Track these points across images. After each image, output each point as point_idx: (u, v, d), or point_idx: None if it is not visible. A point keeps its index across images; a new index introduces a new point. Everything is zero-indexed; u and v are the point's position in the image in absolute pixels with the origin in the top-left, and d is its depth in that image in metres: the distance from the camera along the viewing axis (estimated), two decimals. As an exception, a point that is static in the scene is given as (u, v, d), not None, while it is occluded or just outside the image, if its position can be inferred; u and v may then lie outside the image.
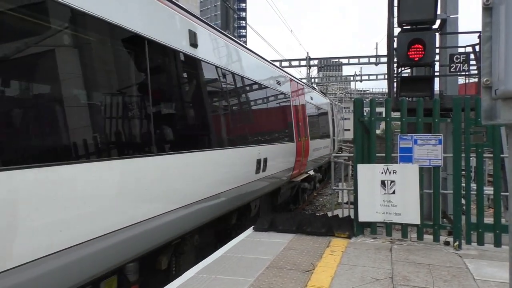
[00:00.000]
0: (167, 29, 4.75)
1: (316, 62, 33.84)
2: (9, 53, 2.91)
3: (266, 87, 8.65)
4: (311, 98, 13.88)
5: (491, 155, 5.86)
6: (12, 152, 2.82)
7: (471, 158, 5.91)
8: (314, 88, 16.40)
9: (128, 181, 3.86)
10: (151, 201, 4.21)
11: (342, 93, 57.66)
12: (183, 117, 5.09)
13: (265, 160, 7.76)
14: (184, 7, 5.35)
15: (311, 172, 13.43)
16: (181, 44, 5.02)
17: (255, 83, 7.99)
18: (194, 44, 5.31)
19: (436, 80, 8.46)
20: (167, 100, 4.79)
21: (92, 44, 3.67)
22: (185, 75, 5.31)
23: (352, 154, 7.13)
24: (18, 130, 2.89)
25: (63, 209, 3.14)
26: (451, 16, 8.61)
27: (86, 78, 3.56)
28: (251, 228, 6.60)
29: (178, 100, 5.09)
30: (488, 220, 5.88)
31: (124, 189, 3.81)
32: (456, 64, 7.93)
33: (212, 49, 5.93)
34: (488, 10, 1.66)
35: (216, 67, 6.00)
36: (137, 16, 4.20)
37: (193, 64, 5.37)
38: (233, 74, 6.70)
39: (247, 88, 7.50)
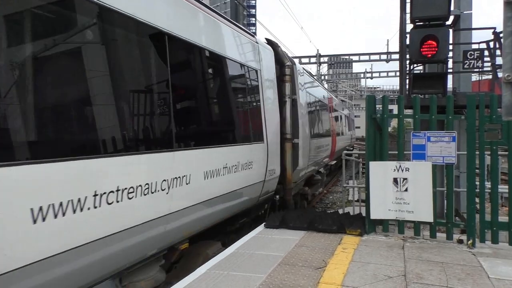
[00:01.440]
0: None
1: (326, 59, 33.68)
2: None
3: None
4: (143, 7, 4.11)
5: (506, 152, 5.78)
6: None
7: (485, 156, 5.83)
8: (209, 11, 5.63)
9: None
10: None
11: (352, 90, 57.33)
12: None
13: None
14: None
15: None
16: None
17: None
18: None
19: (449, 77, 8.37)
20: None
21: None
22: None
23: (363, 152, 7.10)
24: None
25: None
26: (464, 12, 8.51)
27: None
28: (262, 225, 6.61)
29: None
30: (502, 218, 5.82)
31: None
32: (470, 61, 7.85)
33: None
34: (509, 4, 1.63)
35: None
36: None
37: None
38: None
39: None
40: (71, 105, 3.42)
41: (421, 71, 8.87)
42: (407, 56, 7.81)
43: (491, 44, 8.41)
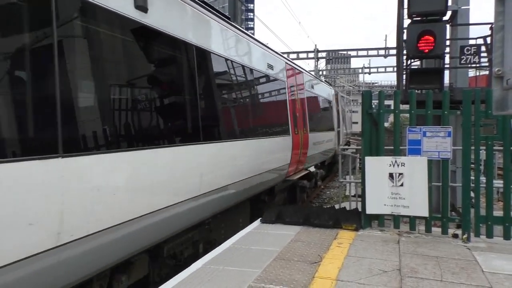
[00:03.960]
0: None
1: (324, 54, 33.63)
2: None
3: None
4: None
5: (501, 148, 5.80)
6: None
7: (480, 151, 5.85)
8: None
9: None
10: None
11: (350, 86, 57.31)
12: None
13: None
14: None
15: None
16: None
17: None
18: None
19: (446, 72, 8.37)
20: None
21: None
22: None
23: (360, 147, 7.11)
24: None
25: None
26: (462, 8, 8.50)
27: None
28: (258, 220, 6.63)
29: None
30: (497, 213, 5.85)
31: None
32: (467, 56, 7.84)
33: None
34: (500, -1, 1.64)
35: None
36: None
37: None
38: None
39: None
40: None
41: (419, 67, 8.87)
42: (404, 51, 7.80)
43: (488, 40, 8.40)
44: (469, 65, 8.08)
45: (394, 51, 26.83)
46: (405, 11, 7.60)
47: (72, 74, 3.44)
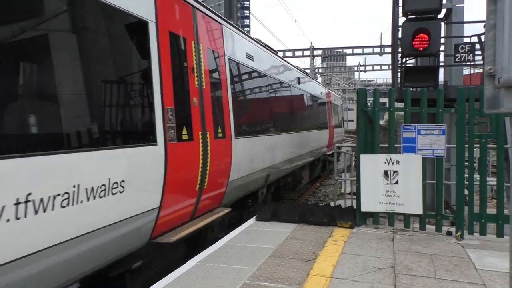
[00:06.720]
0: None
1: (320, 52, 33.65)
2: None
3: None
4: None
5: (495, 145, 5.84)
6: None
7: (474, 149, 5.88)
8: None
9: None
10: None
11: (346, 84, 57.42)
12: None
13: None
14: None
15: None
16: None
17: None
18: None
19: (441, 70, 8.41)
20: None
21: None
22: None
23: (355, 145, 7.13)
24: None
25: None
26: (456, 5, 8.54)
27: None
28: (254, 217, 6.63)
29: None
30: (491, 211, 5.88)
31: None
32: (461, 54, 7.87)
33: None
34: (492, -3, 1.65)
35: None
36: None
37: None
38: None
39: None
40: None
41: (414, 65, 8.90)
42: (399, 49, 7.82)
43: (483, 38, 8.44)
44: (463, 63, 8.13)
45: (389, 49, 26.88)
46: (400, 9, 7.62)
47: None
